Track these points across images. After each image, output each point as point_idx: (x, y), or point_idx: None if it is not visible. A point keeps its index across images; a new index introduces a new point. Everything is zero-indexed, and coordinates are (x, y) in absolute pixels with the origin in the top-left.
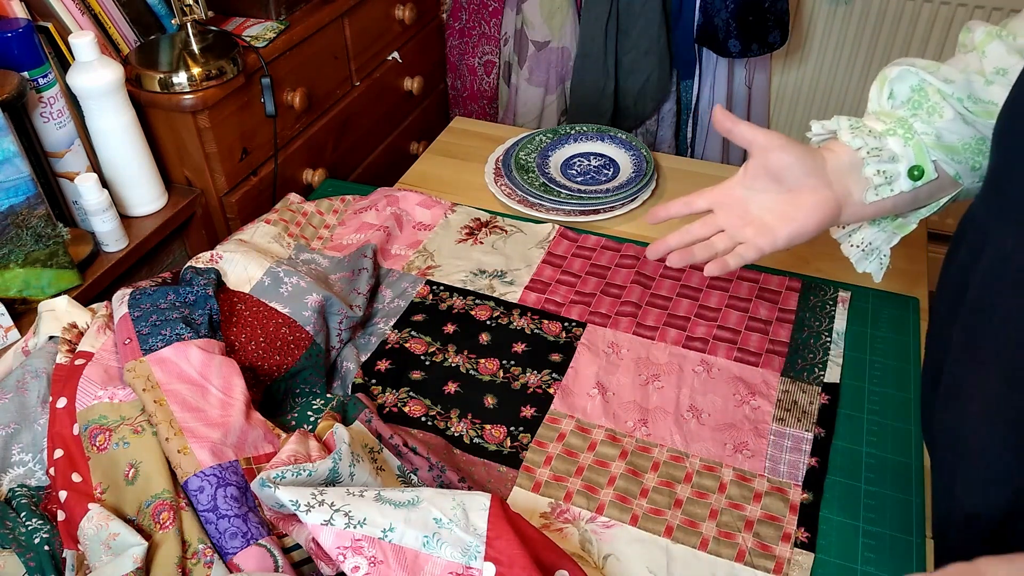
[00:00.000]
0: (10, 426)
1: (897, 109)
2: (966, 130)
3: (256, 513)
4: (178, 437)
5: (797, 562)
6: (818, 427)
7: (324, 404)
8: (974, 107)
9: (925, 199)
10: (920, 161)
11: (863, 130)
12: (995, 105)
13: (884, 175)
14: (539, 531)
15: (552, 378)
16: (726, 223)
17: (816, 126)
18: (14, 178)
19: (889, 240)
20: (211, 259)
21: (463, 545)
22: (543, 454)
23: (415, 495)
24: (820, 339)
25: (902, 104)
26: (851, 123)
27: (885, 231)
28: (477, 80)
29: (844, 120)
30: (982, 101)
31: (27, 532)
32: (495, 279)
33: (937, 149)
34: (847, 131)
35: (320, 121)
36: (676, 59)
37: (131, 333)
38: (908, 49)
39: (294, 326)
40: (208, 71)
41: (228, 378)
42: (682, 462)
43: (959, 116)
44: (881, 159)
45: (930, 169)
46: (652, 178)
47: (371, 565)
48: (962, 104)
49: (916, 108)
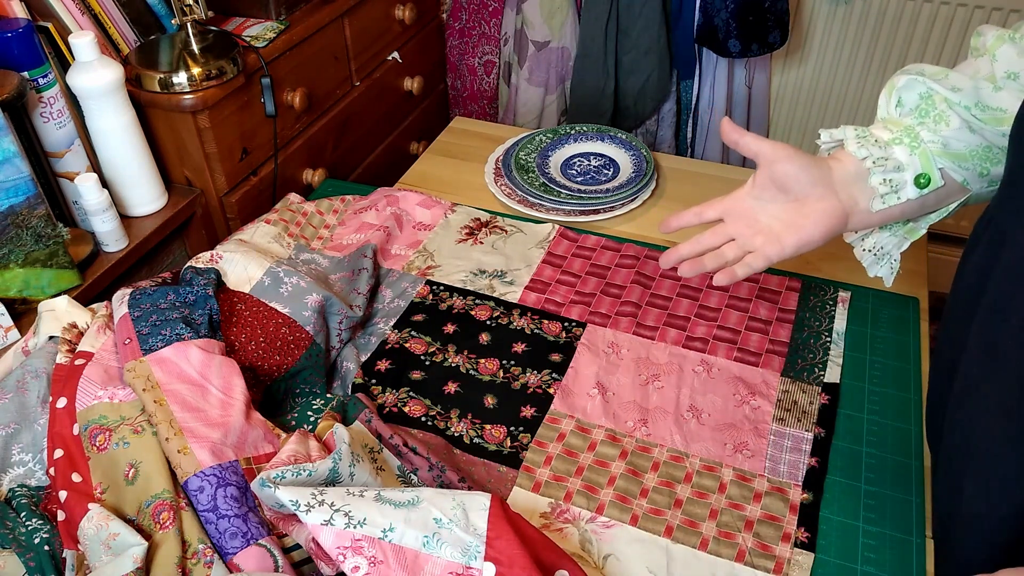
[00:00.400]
0: (10, 426)
1: (904, 117)
2: (973, 138)
3: (256, 513)
4: (178, 437)
5: (797, 562)
6: (818, 427)
7: (324, 404)
8: (982, 114)
9: (933, 205)
10: (926, 169)
11: (869, 139)
12: (1003, 111)
13: (890, 184)
14: (539, 531)
15: (552, 378)
16: (736, 232)
17: (824, 135)
18: (14, 178)
19: (899, 245)
20: (211, 259)
21: (463, 545)
22: (543, 454)
23: (415, 495)
24: (820, 339)
25: (910, 112)
26: (857, 132)
27: (896, 236)
28: (477, 80)
29: (851, 130)
30: (990, 108)
31: (27, 532)
32: (495, 279)
33: (944, 157)
34: (853, 141)
35: (320, 121)
36: (676, 59)
37: (131, 333)
38: (908, 49)
39: (294, 326)
40: (208, 71)
41: (228, 378)
42: (682, 462)
43: (965, 124)
44: (887, 168)
45: (936, 176)
46: (652, 178)
47: (371, 565)
48: (969, 112)
49: (923, 116)
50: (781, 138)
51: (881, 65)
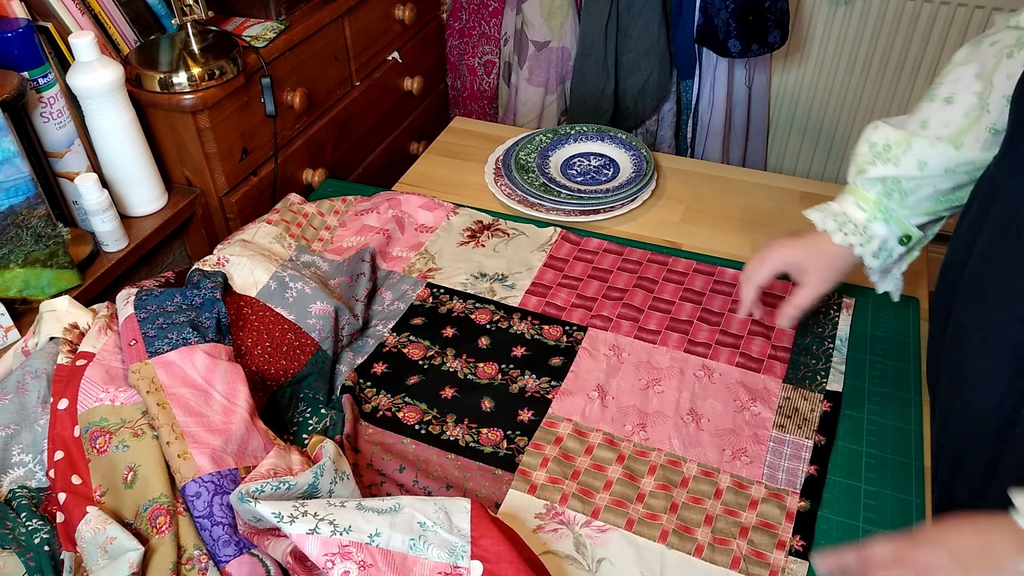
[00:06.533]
0: (10, 427)
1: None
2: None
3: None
4: (179, 441)
5: (791, 570)
6: (819, 435)
7: (318, 422)
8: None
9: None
10: (905, 231)
11: (848, 226)
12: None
13: (880, 254)
14: (517, 534)
15: (551, 385)
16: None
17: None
18: (14, 178)
19: (900, 267)
20: (218, 262)
21: (449, 546)
22: (539, 456)
23: (396, 502)
24: (823, 345)
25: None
26: (837, 222)
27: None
28: (477, 80)
29: (831, 221)
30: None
31: (27, 532)
32: (496, 282)
33: (918, 215)
34: (838, 234)
35: (320, 121)
36: (676, 59)
37: (136, 334)
38: (908, 49)
39: (299, 332)
40: (208, 71)
41: (232, 384)
42: (679, 467)
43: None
44: (873, 248)
45: (916, 231)
46: (652, 178)
47: (361, 569)
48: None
49: (890, 192)
50: (781, 138)
51: (881, 65)
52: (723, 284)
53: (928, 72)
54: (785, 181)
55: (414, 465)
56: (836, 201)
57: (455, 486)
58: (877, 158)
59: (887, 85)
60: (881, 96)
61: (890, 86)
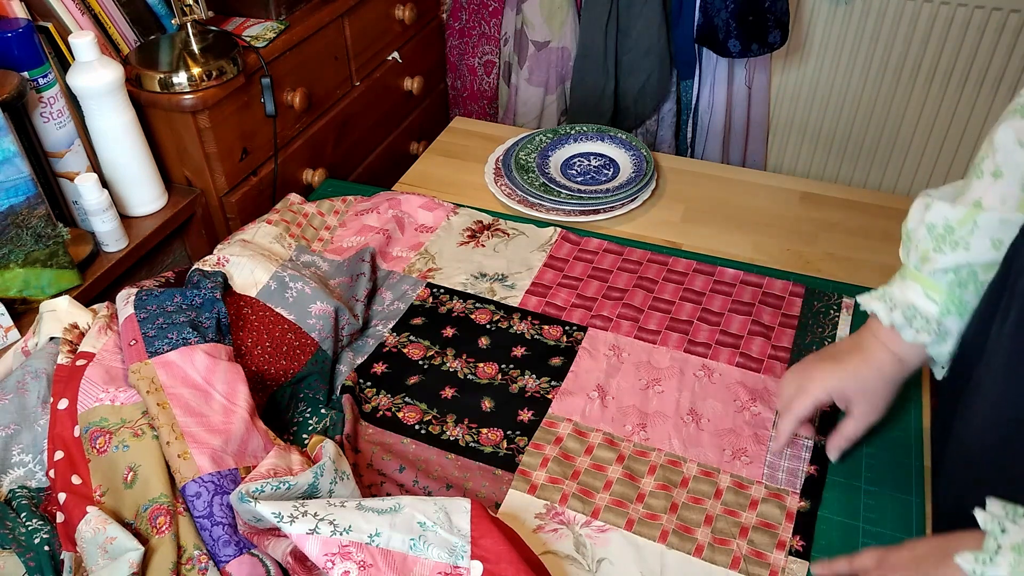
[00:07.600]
0: (10, 427)
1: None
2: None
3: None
4: (179, 441)
5: (791, 571)
6: (819, 435)
7: (318, 422)
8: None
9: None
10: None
11: (919, 321)
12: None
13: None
14: (517, 534)
15: (551, 385)
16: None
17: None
18: (14, 178)
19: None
20: (218, 262)
21: (449, 546)
22: (539, 456)
23: (396, 503)
24: (823, 345)
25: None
26: (906, 317)
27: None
28: (477, 80)
29: (898, 315)
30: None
31: (27, 532)
32: (496, 282)
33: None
34: (908, 330)
35: (320, 121)
36: (676, 59)
37: (137, 334)
38: (908, 49)
39: (299, 332)
40: (208, 71)
41: (233, 384)
42: (679, 467)
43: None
44: (948, 346)
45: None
46: (652, 178)
47: (361, 569)
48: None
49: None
50: (781, 138)
51: (881, 65)
52: (723, 284)
53: (928, 72)
54: (785, 181)
55: (414, 465)
56: (897, 287)
57: (455, 486)
58: (942, 243)
59: (887, 85)
60: (881, 96)
61: (890, 86)
